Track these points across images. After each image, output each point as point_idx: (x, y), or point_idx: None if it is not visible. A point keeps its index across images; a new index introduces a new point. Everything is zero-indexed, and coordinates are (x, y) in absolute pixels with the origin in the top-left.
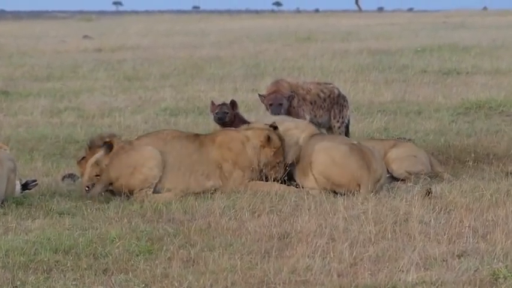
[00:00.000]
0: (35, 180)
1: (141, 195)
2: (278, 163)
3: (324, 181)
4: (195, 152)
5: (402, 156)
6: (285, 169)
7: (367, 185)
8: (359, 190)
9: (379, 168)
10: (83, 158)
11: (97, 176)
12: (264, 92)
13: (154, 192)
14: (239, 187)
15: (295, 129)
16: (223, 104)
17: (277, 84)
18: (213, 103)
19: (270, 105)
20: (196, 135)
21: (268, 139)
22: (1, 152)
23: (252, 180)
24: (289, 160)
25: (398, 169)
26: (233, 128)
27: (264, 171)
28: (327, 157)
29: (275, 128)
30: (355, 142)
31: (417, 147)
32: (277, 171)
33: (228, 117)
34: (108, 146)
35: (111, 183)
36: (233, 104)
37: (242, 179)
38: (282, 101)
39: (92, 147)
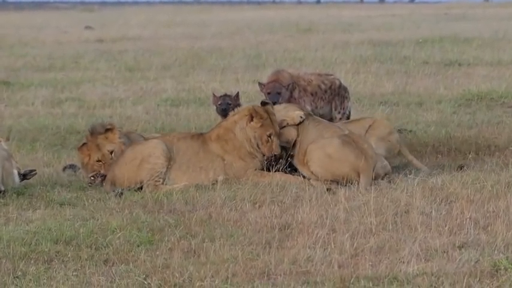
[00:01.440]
0: (33, 170)
1: (152, 187)
2: (269, 136)
3: (325, 174)
4: (200, 149)
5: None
6: (286, 158)
7: (368, 172)
8: (359, 179)
9: (374, 154)
10: (84, 144)
11: (98, 161)
12: (264, 81)
13: None
14: (243, 177)
15: (279, 112)
16: (226, 95)
17: (278, 73)
18: (214, 95)
19: (268, 93)
20: (200, 134)
21: (254, 111)
22: None
23: (256, 169)
24: (285, 139)
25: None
26: (224, 119)
27: (260, 149)
28: (322, 154)
29: (265, 104)
30: (347, 132)
31: (388, 125)
32: (272, 146)
33: (231, 108)
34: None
35: (115, 182)
36: (237, 95)
37: (245, 169)
38: (281, 90)
39: (93, 134)
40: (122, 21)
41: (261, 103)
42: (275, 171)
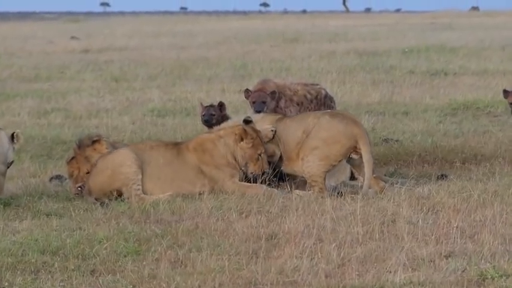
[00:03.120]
0: None
1: (133, 195)
2: (260, 154)
3: (326, 162)
4: (174, 160)
5: None
6: (272, 168)
7: (364, 136)
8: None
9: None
10: (73, 158)
11: (88, 173)
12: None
13: None
14: (223, 187)
15: (256, 123)
16: (211, 105)
17: (264, 83)
18: (201, 104)
19: (253, 102)
20: (175, 144)
21: (244, 132)
22: None
23: (234, 177)
24: (268, 153)
25: None
26: (207, 131)
27: (247, 168)
28: (317, 143)
29: (248, 122)
30: (328, 110)
31: None
32: (262, 164)
33: (215, 119)
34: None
35: (91, 193)
36: (221, 105)
37: (224, 178)
38: (266, 99)
39: (81, 147)
40: (108, 32)
41: (244, 121)
42: (261, 182)
